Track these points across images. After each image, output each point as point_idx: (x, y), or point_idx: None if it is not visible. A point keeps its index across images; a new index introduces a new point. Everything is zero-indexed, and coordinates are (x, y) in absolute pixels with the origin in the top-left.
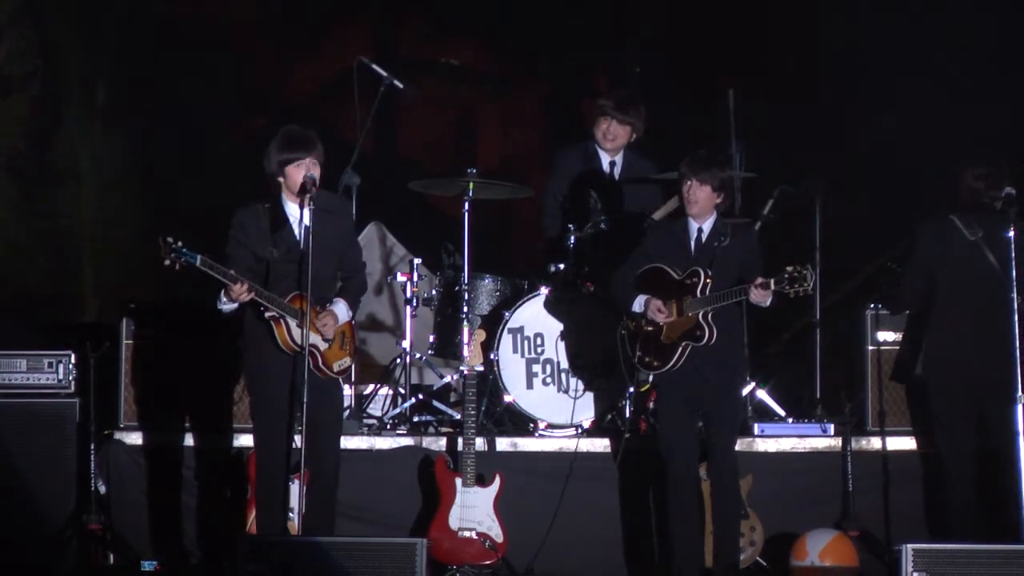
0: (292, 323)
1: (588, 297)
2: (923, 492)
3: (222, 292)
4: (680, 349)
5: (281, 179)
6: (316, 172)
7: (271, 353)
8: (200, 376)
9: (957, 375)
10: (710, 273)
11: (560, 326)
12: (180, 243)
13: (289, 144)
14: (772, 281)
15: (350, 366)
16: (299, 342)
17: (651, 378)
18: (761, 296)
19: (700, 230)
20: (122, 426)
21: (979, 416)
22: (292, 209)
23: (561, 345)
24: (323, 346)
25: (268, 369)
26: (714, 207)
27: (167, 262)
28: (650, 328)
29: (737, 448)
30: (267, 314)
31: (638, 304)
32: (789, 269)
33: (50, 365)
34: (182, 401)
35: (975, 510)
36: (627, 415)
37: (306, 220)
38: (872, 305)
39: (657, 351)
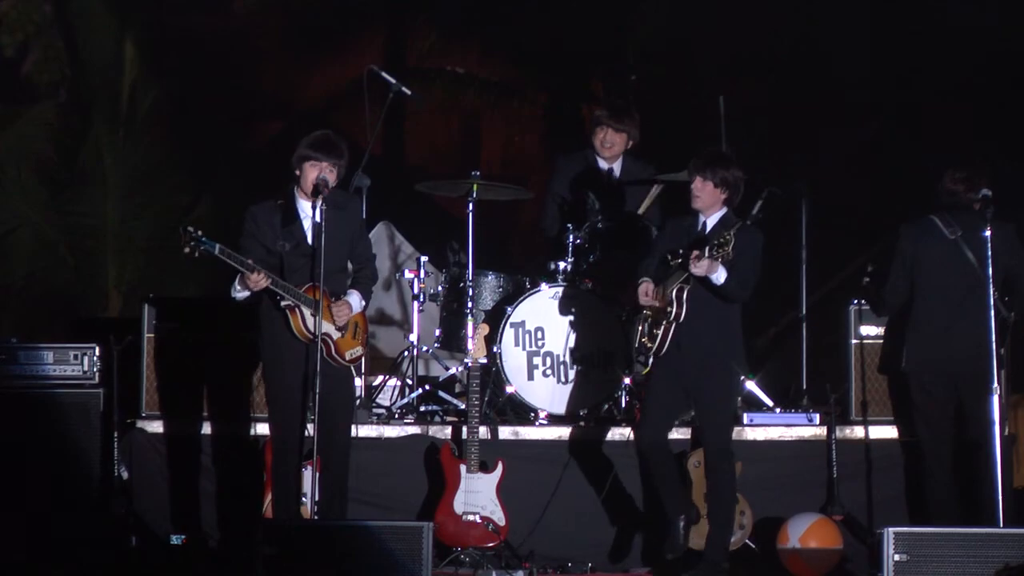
0: (307, 312)
1: (586, 293)
2: (904, 478)
3: (236, 280)
4: (662, 329)
5: (297, 172)
6: (331, 178)
7: (286, 342)
8: (218, 367)
9: (938, 369)
10: (685, 253)
11: (560, 320)
12: (200, 232)
13: (314, 144)
14: (706, 250)
15: (362, 355)
16: (314, 330)
17: (650, 362)
18: (697, 269)
19: (705, 224)
20: (144, 415)
21: (958, 407)
22: (304, 206)
23: (560, 338)
24: (336, 335)
25: (283, 358)
26: (721, 203)
27: (187, 250)
28: (648, 313)
29: None
30: (283, 303)
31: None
32: (715, 238)
33: (75, 357)
34: (201, 391)
35: (953, 495)
36: (623, 405)
37: (316, 217)
38: (855, 301)
39: (651, 333)
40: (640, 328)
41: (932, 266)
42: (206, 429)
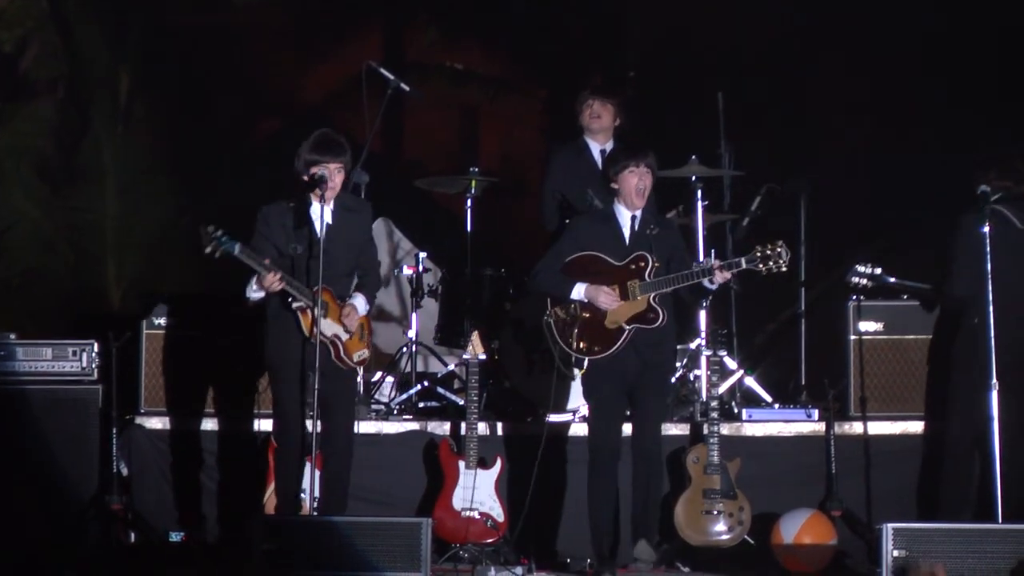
0: (318, 313)
1: None
2: (902, 474)
3: (253, 280)
4: (626, 333)
5: (305, 178)
6: (338, 178)
7: (292, 341)
8: (217, 364)
9: (1010, 362)
10: (655, 258)
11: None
12: (220, 231)
13: (317, 147)
14: (743, 260)
15: (367, 357)
16: (323, 331)
17: (585, 364)
18: (723, 277)
19: (634, 218)
20: (142, 411)
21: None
22: (316, 208)
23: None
24: (345, 337)
25: (289, 356)
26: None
27: (208, 249)
28: (587, 315)
29: (726, 432)
30: (295, 304)
31: (578, 292)
32: (759, 247)
33: (74, 353)
34: (200, 388)
35: (972, 495)
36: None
37: (326, 216)
38: (854, 297)
39: (598, 337)
40: (575, 331)
41: (1001, 254)
42: (205, 425)
